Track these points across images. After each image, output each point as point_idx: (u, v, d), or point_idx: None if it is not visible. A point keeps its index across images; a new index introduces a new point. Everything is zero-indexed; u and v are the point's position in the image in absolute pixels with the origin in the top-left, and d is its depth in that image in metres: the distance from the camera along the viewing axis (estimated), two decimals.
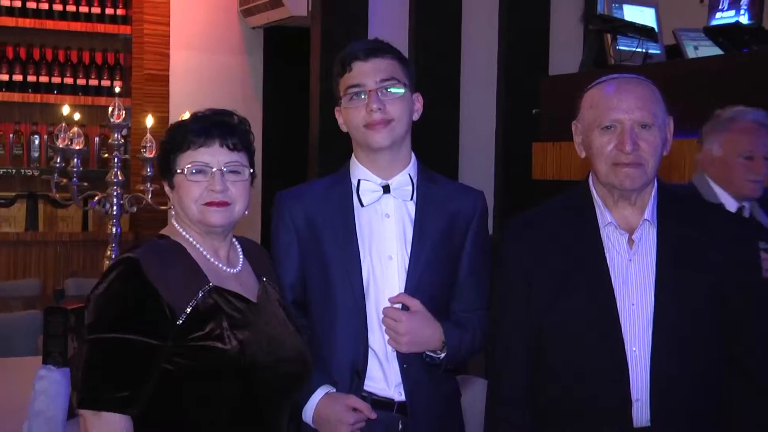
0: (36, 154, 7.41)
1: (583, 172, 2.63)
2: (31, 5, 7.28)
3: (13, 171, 7.35)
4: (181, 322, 2.28)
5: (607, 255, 2.45)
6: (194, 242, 2.42)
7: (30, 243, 7.17)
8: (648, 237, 2.46)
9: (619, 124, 2.43)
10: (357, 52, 2.62)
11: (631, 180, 2.42)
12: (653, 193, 2.50)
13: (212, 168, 2.38)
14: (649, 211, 2.47)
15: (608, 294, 2.42)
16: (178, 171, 2.40)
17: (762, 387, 2.46)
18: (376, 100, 2.56)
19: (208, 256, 2.42)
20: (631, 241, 2.46)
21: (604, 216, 2.49)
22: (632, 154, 2.40)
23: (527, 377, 2.50)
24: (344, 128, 2.68)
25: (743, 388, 2.47)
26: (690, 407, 2.42)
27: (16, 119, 7.44)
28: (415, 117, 2.67)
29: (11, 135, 7.40)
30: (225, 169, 2.38)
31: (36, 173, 7.33)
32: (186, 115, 2.53)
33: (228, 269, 2.45)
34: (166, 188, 2.47)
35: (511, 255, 2.56)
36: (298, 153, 7.08)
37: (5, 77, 7.28)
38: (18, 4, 7.25)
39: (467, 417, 2.80)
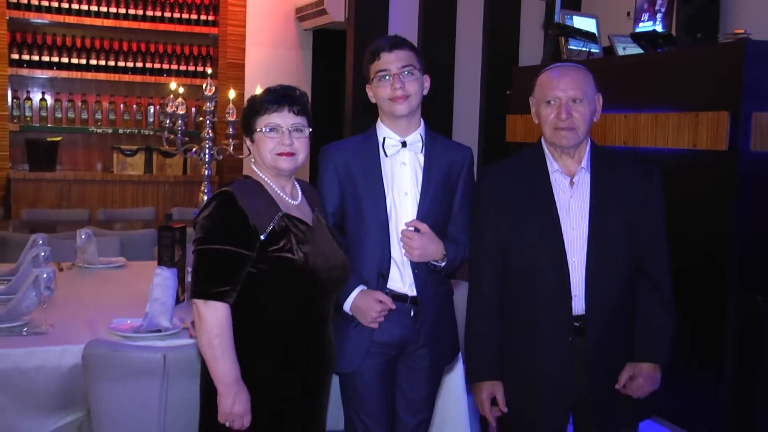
0: (151, 119, 7.46)
1: None
2: (149, 13, 7.33)
3: (136, 131, 7.41)
4: (263, 238, 2.30)
5: (554, 193, 2.47)
6: (269, 181, 2.43)
7: (147, 182, 7.22)
8: (584, 180, 2.48)
9: (557, 100, 2.44)
10: (384, 45, 2.60)
11: (566, 140, 2.43)
12: (587, 149, 2.51)
13: (282, 127, 2.38)
14: (585, 161, 2.49)
15: (555, 221, 2.44)
16: (257, 130, 2.40)
17: (662, 291, 2.49)
18: (398, 81, 2.56)
19: (279, 192, 2.43)
20: (572, 183, 2.48)
21: (552, 165, 2.50)
22: (567, 121, 2.42)
23: (496, 279, 2.51)
24: (373, 100, 2.67)
25: (649, 294, 2.49)
26: (613, 301, 2.45)
27: (137, 94, 7.49)
28: (425, 92, 2.65)
29: (134, 106, 7.46)
30: (291, 129, 2.39)
31: (151, 132, 7.38)
32: (258, 90, 2.52)
33: (292, 201, 2.46)
34: (248, 142, 2.48)
35: (486, 193, 2.55)
36: (336, 120, 7.09)
37: (131, 64, 7.30)
38: (140, 12, 7.29)
39: (456, 307, 2.81)
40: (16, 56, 7.01)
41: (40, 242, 3.57)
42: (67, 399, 2.72)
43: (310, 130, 2.45)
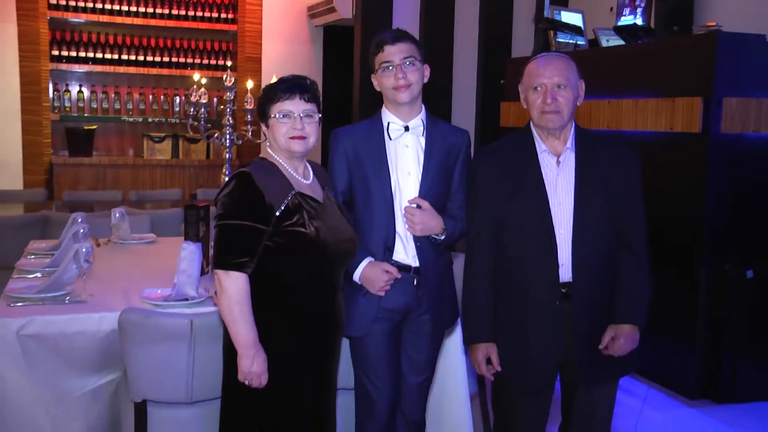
0: (177, 109, 7.47)
1: None
2: (174, 12, 7.32)
3: (164, 119, 7.42)
4: (278, 214, 2.28)
5: (542, 171, 2.45)
6: (283, 163, 2.42)
7: (174, 166, 7.23)
8: (569, 159, 2.46)
9: (543, 86, 2.42)
10: (387, 38, 2.57)
11: (552, 122, 2.41)
12: (572, 131, 2.48)
13: (294, 113, 2.36)
14: (570, 142, 2.46)
15: (543, 197, 2.42)
16: (272, 116, 2.38)
17: (641, 260, 2.48)
18: (401, 71, 2.53)
19: (292, 172, 2.41)
20: (558, 162, 2.45)
21: (540, 146, 2.48)
22: (552, 105, 2.40)
23: (491, 251, 2.50)
24: (378, 89, 2.64)
25: (629, 262, 2.47)
26: (596, 269, 2.43)
27: (164, 86, 7.49)
28: (425, 81, 2.62)
29: (162, 96, 7.45)
30: (302, 114, 2.37)
31: (177, 121, 7.39)
32: (274, 79, 2.49)
33: (304, 181, 2.44)
34: (263, 127, 2.45)
35: (480, 172, 2.53)
36: (345, 107, 7.07)
37: (158, 59, 7.29)
38: (167, 11, 7.28)
39: (455, 276, 2.79)
40: (56, 52, 7.06)
41: (80, 220, 3.58)
42: (106, 360, 2.74)
43: (320, 115, 2.43)
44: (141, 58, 7.26)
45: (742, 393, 4.23)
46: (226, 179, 2.38)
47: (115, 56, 7.19)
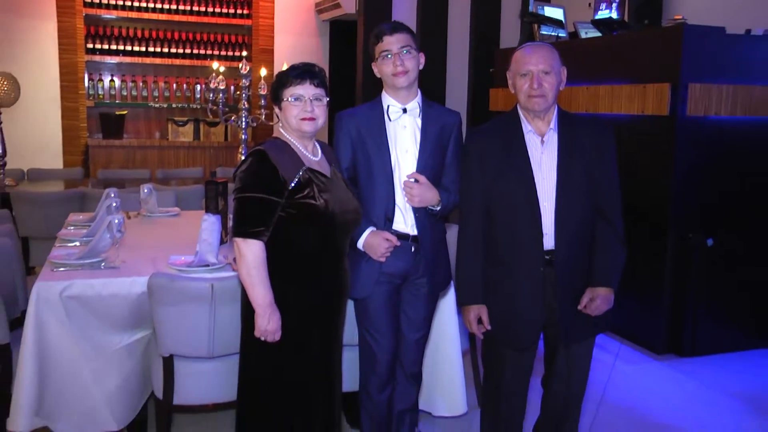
0: (198, 95, 7.39)
1: None
2: (195, 8, 7.26)
3: (186, 105, 7.36)
4: (291, 187, 2.26)
5: (528, 150, 2.41)
6: (294, 142, 2.39)
7: (195, 147, 7.19)
8: (552, 139, 2.42)
9: (530, 72, 2.39)
10: (385, 29, 2.54)
11: (538, 105, 2.38)
12: (555, 113, 2.45)
13: (305, 97, 2.34)
14: (553, 123, 2.43)
15: (529, 173, 2.39)
16: (284, 99, 2.35)
17: (616, 229, 2.46)
18: (398, 59, 2.50)
19: (302, 150, 2.39)
20: (542, 141, 2.42)
21: (526, 127, 2.44)
22: (538, 89, 2.37)
23: (481, 222, 2.47)
24: (378, 75, 2.61)
25: (606, 231, 2.45)
26: (577, 238, 2.41)
27: (187, 75, 7.42)
28: (420, 67, 2.59)
29: (184, 84, 7.39)
30: (312, 98, 2.34)
31: (198, 106, 7.33)
32: (285, 66, 2.46)
33: (313, 158, 2.41)
34: (276, 110, 2.42)
35: (472, 151, 2.50)
36: (349, 94, 7.03)
37: (181, 50, 7.23)
38: (188, 8, 7.22)
39: (449, 244, 2.78)
40: (91, 46, 7.03)
41: (112, 195, 3.57)
42: (137, 319, 2.74)
43: (328, 99, 2.40)
44: (166, 50, 7.21)
45: (701, 347, 4.25)
46: (243, 157, 2.36)
47: (143, 48, 7.14)
